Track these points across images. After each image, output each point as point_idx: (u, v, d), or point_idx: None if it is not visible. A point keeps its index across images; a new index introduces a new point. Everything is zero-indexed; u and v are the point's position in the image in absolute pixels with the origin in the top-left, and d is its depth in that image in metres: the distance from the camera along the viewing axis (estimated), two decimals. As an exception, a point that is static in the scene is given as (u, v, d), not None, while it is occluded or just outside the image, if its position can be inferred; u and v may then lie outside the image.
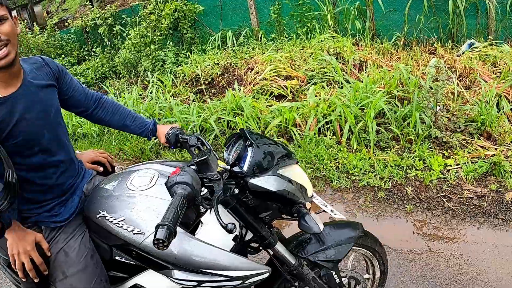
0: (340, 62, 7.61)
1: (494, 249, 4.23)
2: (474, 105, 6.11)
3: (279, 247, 2.51)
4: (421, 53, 7.76)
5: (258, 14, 9.90)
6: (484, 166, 5.21)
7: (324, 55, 7.72)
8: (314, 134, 6.23)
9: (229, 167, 2.30)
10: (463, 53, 7.48)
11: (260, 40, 9.61)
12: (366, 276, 3.28)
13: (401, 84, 6.72)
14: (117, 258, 2.42)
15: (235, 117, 6.87)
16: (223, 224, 1.94)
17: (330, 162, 5.86)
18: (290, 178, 2.34)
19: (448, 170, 5.32)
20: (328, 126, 6.38)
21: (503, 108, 6.08)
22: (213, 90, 8.58)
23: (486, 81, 6.50)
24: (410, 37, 8.35)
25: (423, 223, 4.73)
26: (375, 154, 5.82)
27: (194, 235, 2.31)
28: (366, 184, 5.44)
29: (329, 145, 6.06)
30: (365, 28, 8.53)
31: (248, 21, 9.97)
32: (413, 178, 5.36)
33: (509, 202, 4.75)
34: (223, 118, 7.08)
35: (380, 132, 6.11)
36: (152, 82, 9.21)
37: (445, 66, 6.41)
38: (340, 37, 8.36)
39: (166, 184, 1.98)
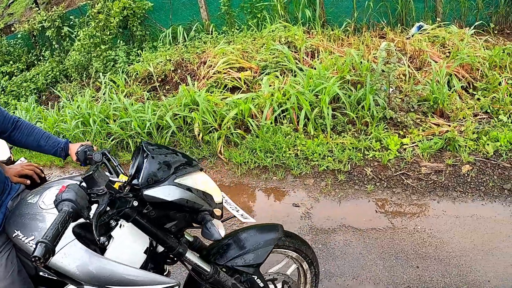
0: (292, 51, 7.63)
1: (456, 220, 4.32)
2: (426, 85, 6.21)
3: (191, 256, 2.50)
4: (372, 38, 7.85)
5: (208, 7, 9.84)
6: (439, 142, 5.32)
7: (276, 44, 7.73)
8: (271, 123, 6.24)
9: (125, 181, 2.34)
10: (412, 36, 7.60)
11: (211, 34, 9.56)
12: (296, 278, 3.25)
13: (354, 69, 6.78)
14: (41, 274, 2.45)
15: (191, 112, 6.82)
16: (96, 238, 2.01)
17: (289, 150, 5.89)
18: (190, 186, 2.35)
19: (405, 149, 5.41)
20: (284, 114, 6.40)
21: (454, 86, 6.20)
22: (167, 87, 8.51)
23: (436, 62, 6.61)
24: (360, 23, 8.45)
25: (384, 202, 4.79)
26: (333, 139, 5.86)
27: (105, 249, 2.33)
28: (326, 168, 5.48)
29: (286, 133, 6.08)
30: (316, 16, 8.57)
31: (198, 15, 9.90)
32: (371, 159, 5.42)
33: (466, 174, 4.86)
34: (179, 114, 7.01)
35: (336, 116, 6.15)
36: (104, 83, 9.07)
37: (395, 49, 6.51)
38: (291, 26, 8.38)
39: (54, 202, 2.01)
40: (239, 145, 6.34)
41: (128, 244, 2.36)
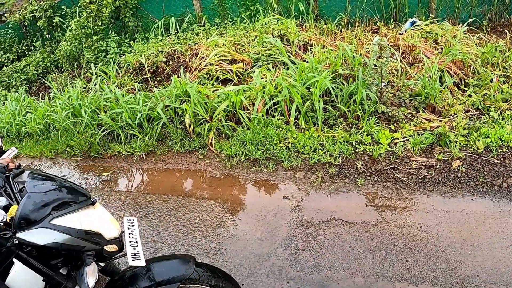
0: (284, 44, 7.62)
1: (445, 215, 4.33)
2: (418, 80, 6.21)
3: None
4: (365, 32, 7.84)
5: (201, -1, 9.81)
6: (430, 137, 5.32)
7: (268, 37, 7.70)
8: (262, 116, 6.23)
9: (9, 218, 2.30)
10: (405, 31, 7.60)
11: (204, 26, 9.53)
12: None
13: (346, 63, 6.76)
14: None
15: (182, 104, 6.79)
16: None
17: (280, 142, 5.88)
18: (69, 226, 2.31)
19: (396, 143, 5.41)
20: (276, 107, 6.39)
21: (446, 82, 6.20)
22: (158, 78, 8.47)
23: (428, 57, 6.61)
24: (353, 17, 8.44)
25: (375, 195, 4.79)
26: (324, 132, 5.86)
27: (8, 273, 2.28)
28: (316, 161, 5.48)
29: (277, 125, 6.07)
30: (309, 10, 8.55)
31: (191, 6, 9.85)
32: (362, 152, 5.42)
33: (456, 170, 4.86)
34: (170, 106, 6.99)
35: (327, 110, 6.15)
36: (95, 74, 9.00)
37: (388, 44, 6.49)
38: (284, 19, 8.36)
39: None
40: (230, 137, 6.32)
41: (27, 271, 2.31)
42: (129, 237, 2.63)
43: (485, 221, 4.20)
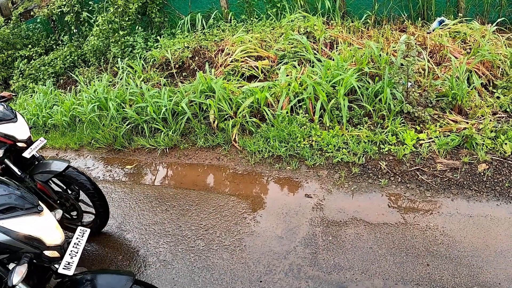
0: (311, 41, 7.56)
1: (469, 219, 4.25)
2: (445, 81, 6.12)
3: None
4: (392, 31, 7.75)
5: (227, -4, 9.79)
6: (456, 139, 5.24)
7: (294, 34, 7.66)
8: (287, 113, 6.20)
9: None
10: (433, 31, 7.50)
11: (230, 22, 9.53)
12: None
13: (372, 61, 6.70)
14: None
15: (207, 99, 6.80)
16: None
17: (304, 140, 5.85)
18: (10, 229, 2.47)
19: (421, 144, 5.34)
20: (300, 104, 6.37)
21: (474, 83, 6.10)
22: (184, 74, 8.50)
23: (456, 57, 6.51)
24: (380, 15, 8.34)
25: (398, 197, 4.73)
26: (348, 131, 5.81)
27: None
28: (340, 160, 5.43)
29: (302, 123, 6.04)
30: (336, 7, 8.48)
31: (218, 3, 9.85)
32: (387, 153, 5.36)
33: (482, 173, 4.78)
34: (195, 101, 7.00)
35: (352, 108, 6.10)
36: (122, 68, 9.06)
37: (415, 43, 6.41)
38: (311, 17, 8.30)
39: None
40: (254, 134, 6.31)
41: None
42: (73, 246, 2.81)
43: (509, 228, 4.11)
